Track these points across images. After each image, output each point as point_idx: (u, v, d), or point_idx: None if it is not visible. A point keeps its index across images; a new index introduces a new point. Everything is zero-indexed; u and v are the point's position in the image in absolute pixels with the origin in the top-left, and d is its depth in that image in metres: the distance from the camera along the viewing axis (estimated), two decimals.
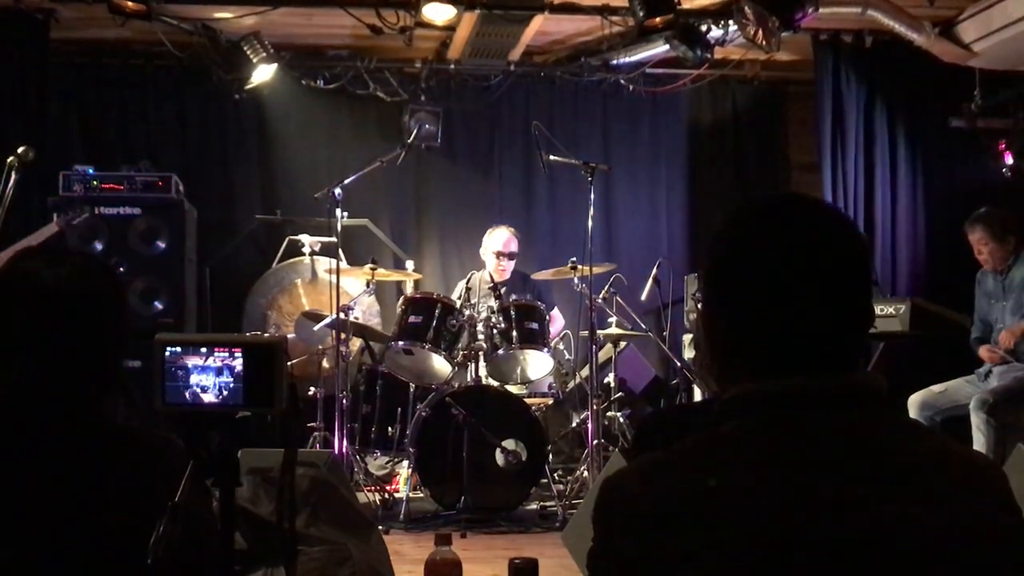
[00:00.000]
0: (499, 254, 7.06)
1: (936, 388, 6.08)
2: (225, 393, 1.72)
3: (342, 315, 6.25)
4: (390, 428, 6.37)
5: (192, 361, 1.72)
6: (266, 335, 6.61)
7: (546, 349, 6.23)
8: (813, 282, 1.39)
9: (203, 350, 1.72)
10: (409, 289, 7.25)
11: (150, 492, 1.68)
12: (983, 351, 6.04)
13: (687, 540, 1.28)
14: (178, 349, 1.73)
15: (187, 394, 1.72)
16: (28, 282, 1.82)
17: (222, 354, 1.71)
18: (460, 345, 6.27)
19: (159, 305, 6.85)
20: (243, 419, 1.77)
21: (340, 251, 6.49)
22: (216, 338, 1.73)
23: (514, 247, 7.12)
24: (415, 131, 7.58)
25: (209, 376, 1.72)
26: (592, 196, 6.30)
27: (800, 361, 1.39)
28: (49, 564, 1.69)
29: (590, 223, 6.27)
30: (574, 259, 6.45)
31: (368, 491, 6.15)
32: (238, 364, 1.72)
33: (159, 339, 1.73)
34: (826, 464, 1.32)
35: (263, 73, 7.20)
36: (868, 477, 1.31)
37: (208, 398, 1.72)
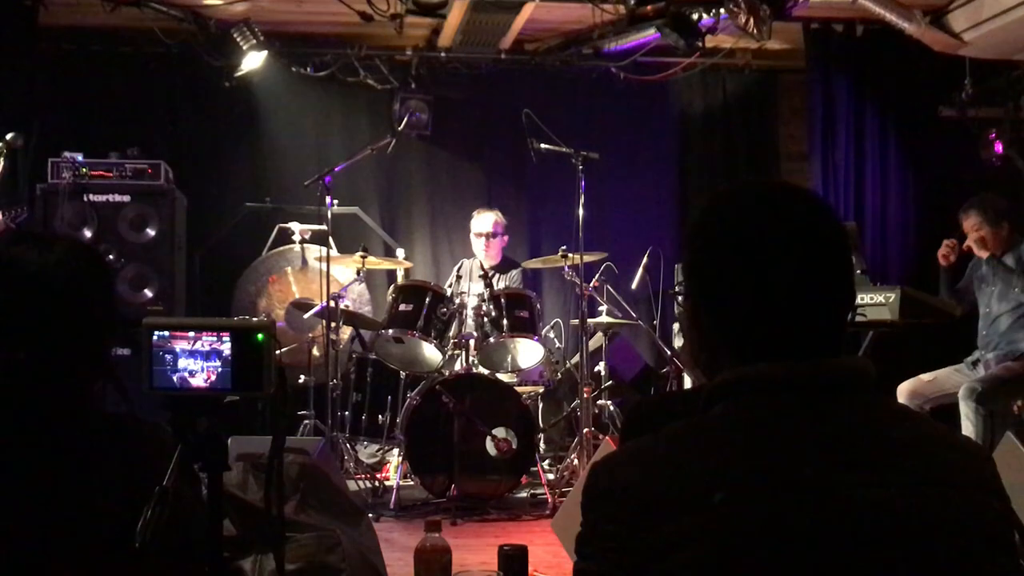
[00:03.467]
0: (479, 234, 7.06)
1: (925, 377, 6.11)
2: (213, 377, 1.71)
3: (332, 303, 6.24)
4: (380, 416, 6.37)
5: (180, 345, 1.71)
6: (255, 319, 6.63)
7: (536, 337, 6.24)
8: (792, 267, 1.40)
9: (191, 334, 1.71)
10: (400, 277, 7.24)
11: (137, 477, 1.68)
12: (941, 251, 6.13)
13: (674, 525, 1.28)
14: (166, 333, 1.71)
15: (175, 378, 1.71)
16: (15, 267, 1.81)
17: (210, 338, 1.71)
18: (450, 333, 6.27)
19: (149, 292, 6.83)
20: (232, 405, 1.76)
21: (330, 239, 6.48)
22: (204, 322, 1.73)
23: (499, 228, 7.11)
24: (405, 119, 7.57)
25: (197, 360, 1.71)
26: (582, 184, 6.30)
27: (785, 346, 1.39)
28: (37, 549, 1.68)
29: (580, 211, 6.27)
30: (564, 247, 6.45)
31: (358, 479, 6.16)
32: (226, 348, 1.71)
33: (147, 323, 1.72)
34: (812, 448, 1.32)
35: (253, 60, 7.18)
36: (855, 462, 1.32)
37: (196, 382, 1.71)
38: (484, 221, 7.09)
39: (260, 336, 1.71)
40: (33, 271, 1.80)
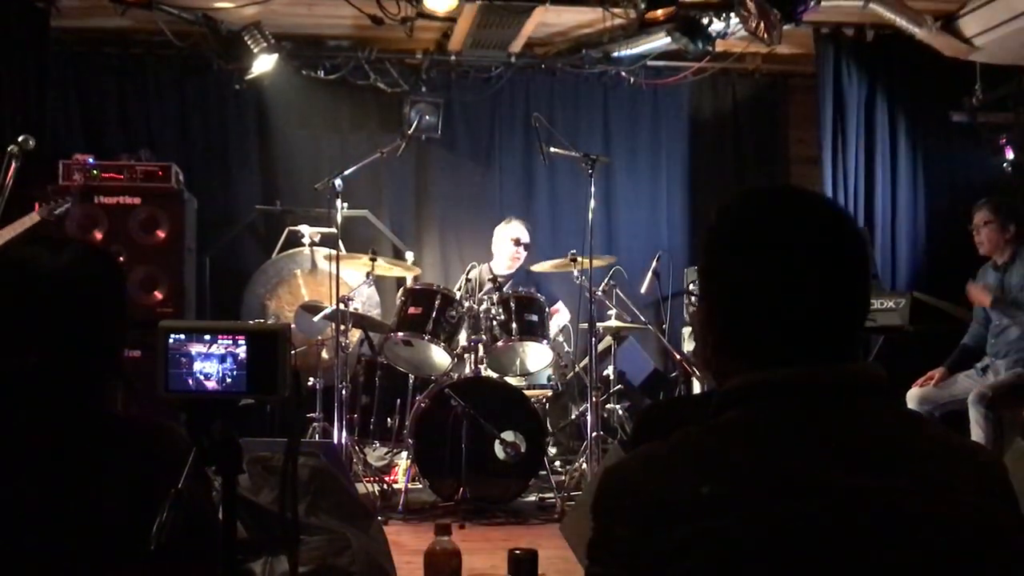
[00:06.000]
0: (516, 240, 7.06)
1: None
2: (228, 380, 1.72)
3: (341, 306, 6.25)
4: (389, 419, 6.36)
5: (196, 348, 1.72)
6: (270, 323, 6.63)
7: (545, 341, 6.24)
8: (808, 272, 1.39)
9: (207, 337, 1.72)
10: (409, 280, 7.24)
11: (151, 479, 1.68)
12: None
13: (685, 529, 1.28)
14: (182, 336, 1.72)
15: (190, 381, 1.72)
16: (28, 269, 1.81)
17: (226, 341, 1.71)
18: (459, 336, 6.28)
19: (159, 295, 6.84)
20: (245, 408, 1.77)
21: (340, 242, 6.49)
22: (220, 325, 1.73)
23: (528, 238, 7.13)
24: (415, 122, 7.58)
25: (212, 363, 1.72)
26: (592, 188, 6.30)
27: (799, 351, 1.39)
28: (52, 552, 1.69)
29: (590, 215, 6.27)
30: (574, 251, 6.44)
31: (367, 482, 6.15)
32: (241, 351, 1.71)
33: (163, 326, 1.73)
34: (825, 453, 1.32)
35: (264, 63, 7.19)
36: (867, 466, 1.32)
37: (211, 385, 1.72)
38: (523, 230, 7.13)
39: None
40: (45, 273, 1.81)
